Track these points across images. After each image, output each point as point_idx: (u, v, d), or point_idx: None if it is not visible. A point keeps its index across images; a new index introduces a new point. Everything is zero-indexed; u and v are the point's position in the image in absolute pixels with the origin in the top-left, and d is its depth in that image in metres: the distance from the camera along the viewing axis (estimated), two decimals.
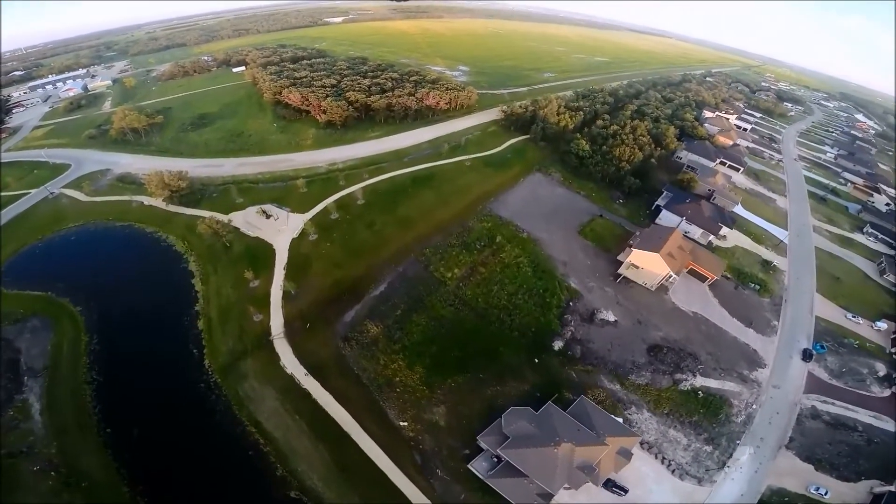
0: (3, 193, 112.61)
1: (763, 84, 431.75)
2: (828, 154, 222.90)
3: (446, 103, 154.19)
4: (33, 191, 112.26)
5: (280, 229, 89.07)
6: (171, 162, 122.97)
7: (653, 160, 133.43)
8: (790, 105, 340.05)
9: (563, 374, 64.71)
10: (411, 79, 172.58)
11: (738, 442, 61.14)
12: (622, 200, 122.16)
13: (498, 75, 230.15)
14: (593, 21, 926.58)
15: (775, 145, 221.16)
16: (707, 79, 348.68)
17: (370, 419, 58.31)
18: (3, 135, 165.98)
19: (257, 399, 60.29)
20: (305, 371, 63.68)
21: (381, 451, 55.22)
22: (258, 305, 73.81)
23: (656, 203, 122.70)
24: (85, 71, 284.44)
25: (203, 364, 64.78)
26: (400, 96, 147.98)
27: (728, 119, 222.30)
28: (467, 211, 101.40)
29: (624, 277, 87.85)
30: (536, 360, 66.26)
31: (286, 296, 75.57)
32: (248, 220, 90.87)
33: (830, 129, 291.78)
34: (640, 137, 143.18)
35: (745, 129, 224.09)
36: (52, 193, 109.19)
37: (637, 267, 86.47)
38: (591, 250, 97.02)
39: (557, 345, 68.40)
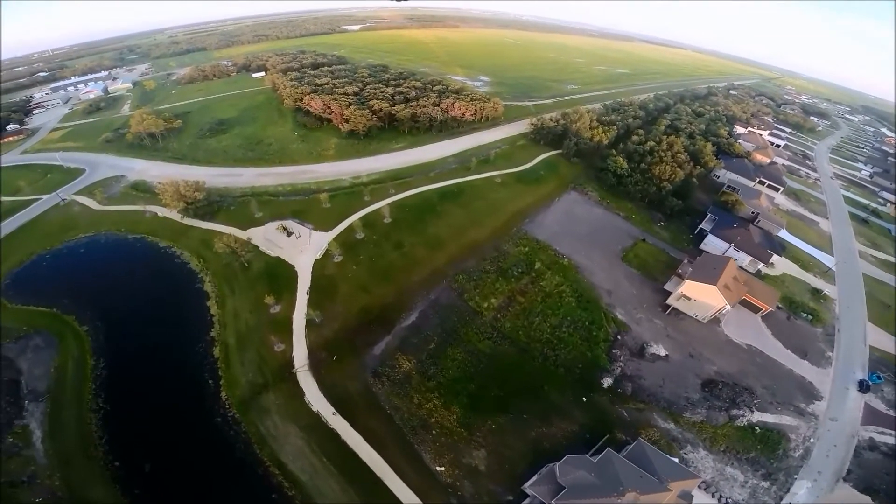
0: (14, 198, 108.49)
1: (786, 97, 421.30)
2: (862, 172, 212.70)
3: (472, 114, 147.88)
4: (45, 196, 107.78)
5: (302, 248, 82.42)
6: (188, 169, 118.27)
7: (694, 179, 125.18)
8: (816, 119, 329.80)
9: (613, 413, 60.56)
10: (434, 88, 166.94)
11: (795, 476, 57.75)
12: (664, 223, 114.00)
13: (520, 86, 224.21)
14: (606, 31, 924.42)
15: (809, 162, 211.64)
16: (731, 92, 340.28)
17: (404, 463, 52.84)
18: (21, 136, 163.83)
19: (280, 437, 54.38)
20: (333, 410, 57.57)
21: (416, 497, 49.79)
22: (279, 333, 67.38)
23: (700, 226, 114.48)
24: (107, 73, 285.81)
25: (220, 396, 58.94)
26: (424, 106, 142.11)
27: (761, 135, 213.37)
28: (501, 232, 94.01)
29: (673, 309, 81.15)
30: (585, 399, 62.08)
31: (310, 323, 68.88)
32: (267, 238, 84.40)
33: (860, 145, 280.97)
34: (678, 155, 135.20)
35: (777, 146, 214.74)
36: (63, 200, 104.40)
37: (689, 298, 79.81)
38: (636, 278, 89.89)
39: (607, 382, 63.24)
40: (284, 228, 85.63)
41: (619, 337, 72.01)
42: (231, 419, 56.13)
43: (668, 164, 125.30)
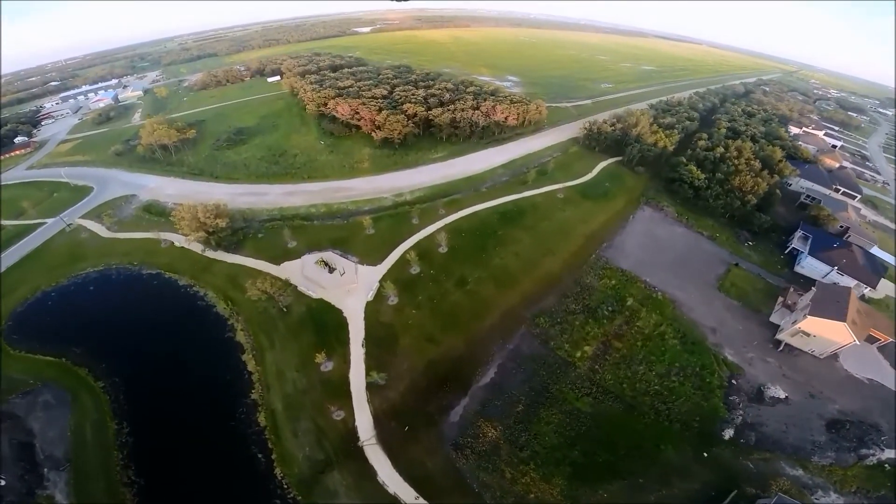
0: (17, 222, 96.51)
1: (816, 91, 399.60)
2: None
3: (514, 118, 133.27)
4: (49, 220, 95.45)
5: (349, 288, 68.40)
6: (205, 186, 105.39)
7: (778, 191, 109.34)
8: (855, 115, 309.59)
9: (738, 466, 54.72)
10: (468, 90, 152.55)
11: None
12: (751, 242, 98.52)
13: (553, 86, 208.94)
14: (617, 28, 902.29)
15: (870, 164, 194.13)
16: (763, 88, 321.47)
17: None
18: (30, 149, 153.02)
19: None
20: (416, 494, 46.85)
21: None
22: (336, 397, 55.03)
23: (791, 245, 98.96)
24: (117, 81, 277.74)
25: (274, 474, 48.41)
26: (463, 110, 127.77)
27: (818, 135, 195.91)
28: (578, 260, 79.36)
29: (786, 345, 71.62)
30: (706, 454, 56.35)
31: (371, 385, 55.94)
32: (306, 275, 70.37)
33: None
34: (751, 162, 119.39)
35: (834, 147, 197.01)
36: (68, 226, 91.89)
37: (808, 335, 69.96)
38: (739, 311, 77.23)
39: (728, 433, 57.16)
40: (325, 263, 71.63)
41: (733, 381, 64.27)
42: (293, 503, 46.05)
43: (746, 174, 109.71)
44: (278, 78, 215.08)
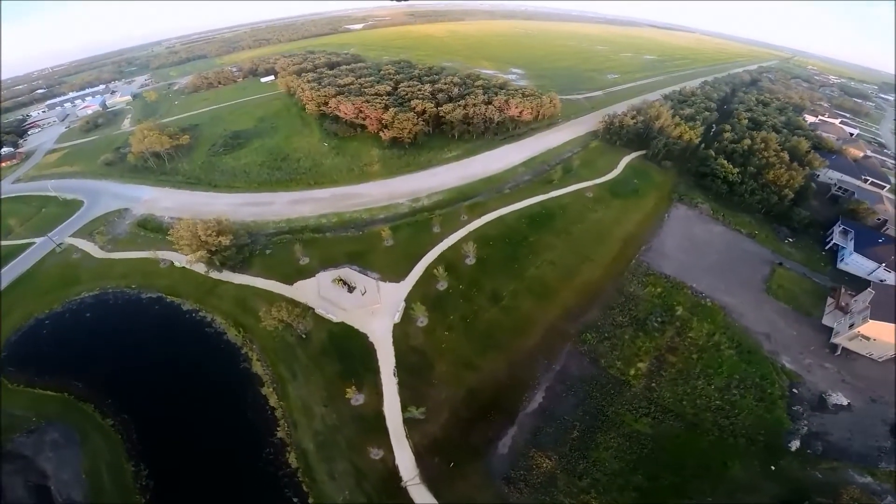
0: (6, 242, 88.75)
1: (816, 78, 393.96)
2: None
3: (529, 113, 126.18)
4: (38, 240, 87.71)
5: (373, 309, 61.49)
6: (204, 197, 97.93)
7: (813, 184, 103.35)
8: (861, 101, 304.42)
9: (806, 477, 52.91)
10: (476, 84, 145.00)
11: None
12: (791, 239, 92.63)
13: (559, 78, 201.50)
14: (612, 18, 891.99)
15: (888, 151, 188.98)
16: (767, 76, 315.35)
17: None
18: (16, 160, 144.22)
19: None
20: None
21: None
22: (372, 433, 49.36)
23: (832, 241, 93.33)
24: (104, 87, 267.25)
25: None
26: (475, 105, 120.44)
27: (835, 123, 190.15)
28: (618, 266, 72.94)
29: (843, 349, 68.19)
30: (773, 468, 54.96)
31: (410, 420, 49.96)
32: (324, 295, 63.25)
33: None
34: (780, 154, 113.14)
35: (851, 135, 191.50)
36: (58, 246, 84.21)
37: (868, 338, 66.32)
38: (790, 315, 72.61)
39: (794, 444, 55.92)
40: (344, 282, 64.50)
41: (794, 390, 61.80)
42: None
43: (779, 167, 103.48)
44: (272, 78, 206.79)
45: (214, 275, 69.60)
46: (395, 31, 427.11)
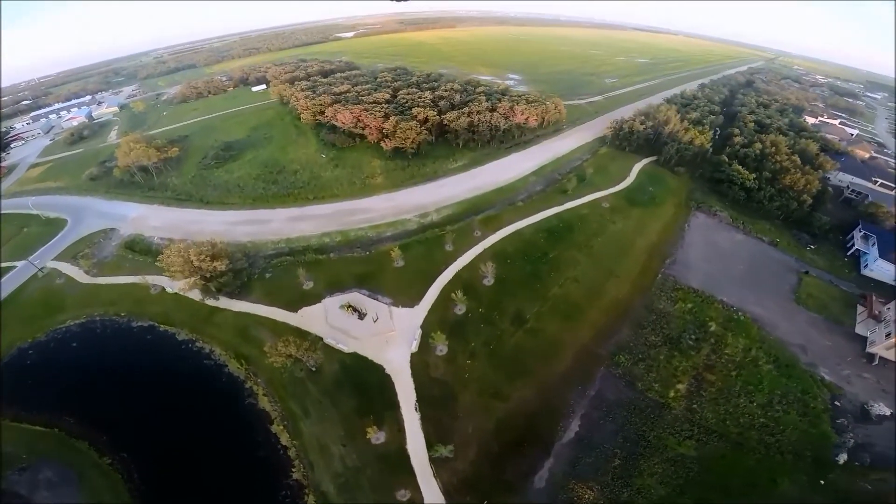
0: None
1: (805, 78, 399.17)
2: None
3: (535, 119, 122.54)
4: (19, 263, 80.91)
5: (387, 337, 56.22)
6: (195, 215, 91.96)
7: (829, 188, 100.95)
8: (851, 101, 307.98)
9: (856, 489, 51.63)
10: (478, 90, 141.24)
11: None
12: (812, 245, 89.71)
13: (559, 83, 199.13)
14: (600, 22, 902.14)
15: (888, 150, 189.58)
16: (757, 76, 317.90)
17: None
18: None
19: None
20: None
21: None
22: (396, 474, 44.87)
23: (854, 246, 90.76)
24: (90, 97, 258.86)
25: None
26: (479, 112, 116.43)
27: (835, 124, 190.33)
28: (645, 281, 68.87)
29: (880, 358, 66.25)
30: (822, 482, 54.03)
31: (436, 458, 45.34)
32: (332, 323, 57.79)
33: None
34: (792, 158, 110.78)
35: (852, 136, 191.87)
36: (41, 271, 77.50)
37: None
38: (822, 324, 70.30)
39: (842, 457, 55.34)
40: (353, 308, 59.10)
41: (836, 403, 60.55)
42: None
43: (794, 171, 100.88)
44: (264, 87, 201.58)
45: (211, 301, 63.67)
46: (387, 38, 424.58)
